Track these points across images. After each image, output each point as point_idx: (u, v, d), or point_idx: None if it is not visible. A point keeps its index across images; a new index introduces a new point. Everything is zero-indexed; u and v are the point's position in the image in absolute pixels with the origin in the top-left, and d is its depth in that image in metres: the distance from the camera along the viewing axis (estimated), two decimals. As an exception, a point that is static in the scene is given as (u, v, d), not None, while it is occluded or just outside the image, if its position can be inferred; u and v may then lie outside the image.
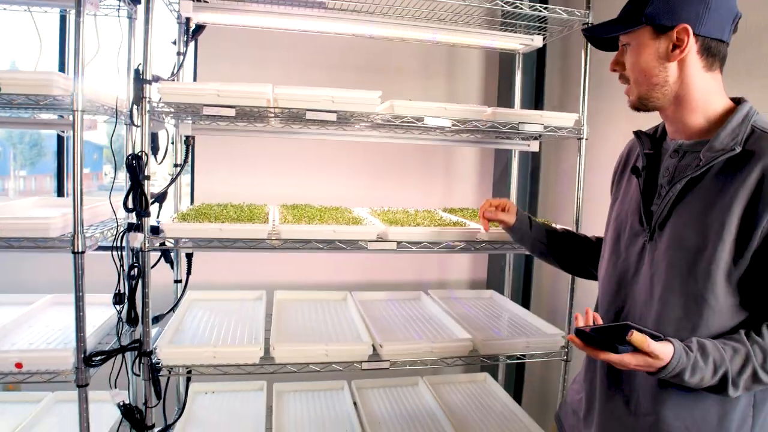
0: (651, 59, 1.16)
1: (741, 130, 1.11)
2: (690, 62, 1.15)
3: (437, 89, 3.03)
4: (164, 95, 1.77)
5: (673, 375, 1.05)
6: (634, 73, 1.21)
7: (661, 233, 1.19)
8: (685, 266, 1.13)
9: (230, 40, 2.64)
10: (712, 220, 1.09)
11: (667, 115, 1.23)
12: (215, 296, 2.42)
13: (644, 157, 1.29)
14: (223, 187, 2.69)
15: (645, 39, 1.16)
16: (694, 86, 1.16)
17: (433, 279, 3.08)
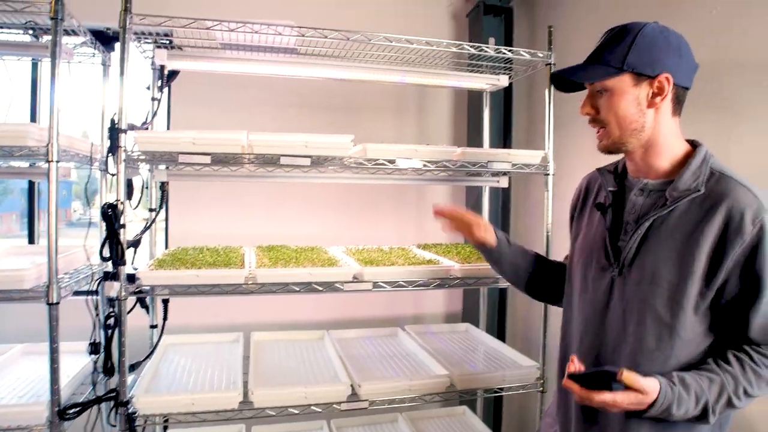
0: (631, 105, 1.21)
1: (701, 171, 1.19)
2: (663, 109, 1.22)
3: (409, 126, 3.11)
4: (140, 144, 1.79)
5: (662, 410, 1.11)
6: (612, 118, 1.24)
7: (630, 269, 1.24)
8: (658, 300, 1.19)
9: (204, 83, 2.68)
10: (684, 256, 1.16)
11: (635, 158, 1.29)
12: (191, 340, 2.40)
13: (609, 194, 1.35)
14: (198, 229, 2.70)
15: (625, 86, 1.21)
16: (663, 131, 1.24)
17: (409, 314, 3.11)
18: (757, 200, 1.13)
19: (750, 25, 1.76)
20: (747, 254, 1.12)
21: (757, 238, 1.11)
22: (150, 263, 1.94)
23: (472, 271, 2.04)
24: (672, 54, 1.20)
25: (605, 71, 1.21)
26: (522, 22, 3.08)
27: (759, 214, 1.11)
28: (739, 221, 1.12)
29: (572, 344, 1.40)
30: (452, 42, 2.09)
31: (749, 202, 1.13)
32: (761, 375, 1.14)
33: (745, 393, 1.13)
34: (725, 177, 1.17)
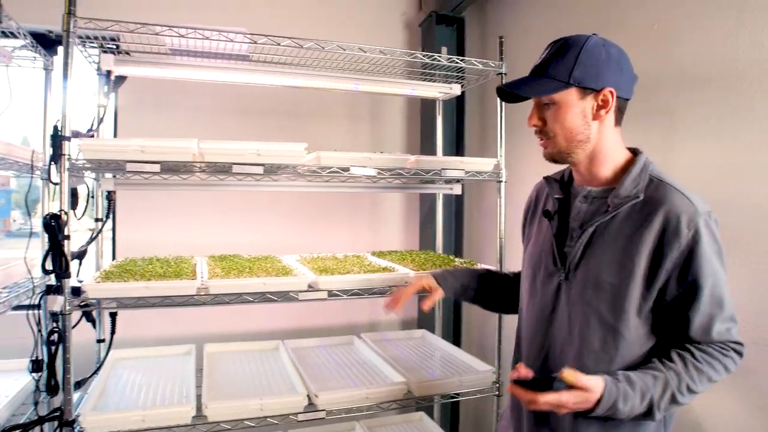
0: (577, 118, 1.26)
1: (641, 179, 1.25)
2: (607, 120, 1.28)
3: (362, 134, 3.12)
4: (84, 151, 1.73)
5: (608, 407, 1.14)
6: (558, 130, 1.27)
7: (575, 273, 1.29)
8: (602, 303, 1.24)
9: (152, 89, 2.62)
10: (625, 260, 1.21)
11: (579, 168, 1.34)
12: (141, 354, 2.33)
13: (555, 201, 1.40)
14: (146, 239, 2.62)
15: (571, 99, 1.25)
16: (606, 141, 1.29)
17: (364, 321, 3.11)
18: (693, 205, 1.18)
19: (687, 40, 1.86)
20: (684, 257, 1.17)
21: (693, 241, 1.17)
22: (96, 275, 1.86)
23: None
24: (614, 68, 1.25)
25: (552, 85, 1.24)
26: (473, 31, 3.14)
27: (694, 218, 1.17)
28: (675, 225, 1.17)
29: (523, 347, 1.45)
30: (405, 51, 2.12)
31: (685, 207, 1.18)
32: (702, 371, 1.18)
33: (688, 389, 1.17)
34: (663, 183, 1.23)
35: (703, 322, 1.20)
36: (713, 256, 1.18)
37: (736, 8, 1.70)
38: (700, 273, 1.17)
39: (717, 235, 1.20)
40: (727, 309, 1.21)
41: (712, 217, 1.21)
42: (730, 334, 1.22)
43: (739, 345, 1.24)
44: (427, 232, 3.03)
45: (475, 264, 2.25)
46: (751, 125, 1.65)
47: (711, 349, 1.21)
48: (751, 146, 1.65)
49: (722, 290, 1.20)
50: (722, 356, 1.21)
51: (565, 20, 2.42)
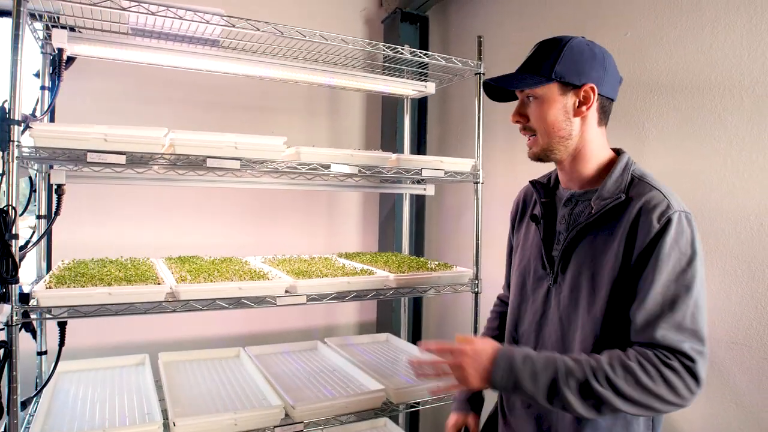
0: (559, 113, 1.25)
1: (623, 178, 1.24)
2: (589, 118, 1.27)
3: (320, 128, 3.00)
4: (38, 138, 1.52)
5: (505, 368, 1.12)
6: (541, 125, 1.27)
7: (563, 277, 1.28)
8: (585, 306, 1.22)
9: (95, 73, 2.37)
10: (605, 261, 1.19)
11: (564, 167, 1.33)
12: (89, 366, 2.09)
13: (541, 205, 1.39)
14: (82, 240, 2.36)
15: (554, 94, 1.24)
16: (590, 140, 1.28)
17: (321, 324, 3.00)
18: (668, 201, 1.15)
19: (657, 47, 1.91)
20: (648, 249, 1.13)
21: (659, 235, 1.12)
22: (46, 280, 1.64)
23: (408, 281, 1.99)
24: (597, 66, 1.25)
25: (535, 80, 1.25)
26: (435, 30, 3.11)
27: (666, 213, 1.13)
28: (647, 218, 1.14)
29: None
30: (388, 45, 2.03)
31: (658, 201, 1.15)
32: (630, 368, 1.07)
33: (607, 380, 1.07)
34: (643, 182, 1.22)
35: (647, 320, 1.11)
36: (678, 255, 1.12)
37: (710, 23, 1.77)
38: (656, 267, 1.11)
39: (690, 237, 1.13)
40: (681, 316, 1.09)
41: (688, 218, 1.15)
42: (680, 345, 1.08)
43: (691, 362, 1.07)
44: (388, 232, 2.97)
45: (450, 267, 2.21)
46: (721, 134, 1.72)
47: (650, 352, 1.09)
48: (720, 154, 1.72)
49: (680, 294, 1.10)
50: (661, 363, 1.07)
51: (533, 23, 2.44)
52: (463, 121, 2.88)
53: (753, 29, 1.65)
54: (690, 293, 1.10)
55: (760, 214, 1.61)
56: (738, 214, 1.67)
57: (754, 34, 1.65)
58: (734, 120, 1.70)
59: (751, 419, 1.62)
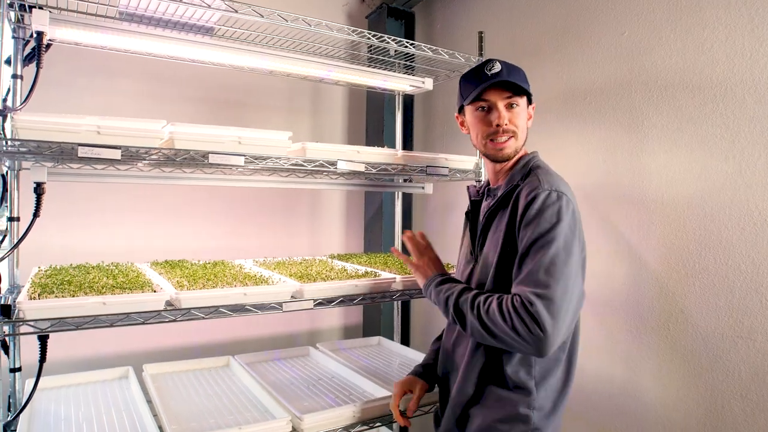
0: (525, 120, 1.50)
1: (523, 171, 1.45)
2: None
3: (301, 125, 2.89)
4: (21, 130, 1.35)
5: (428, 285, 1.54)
6: (519, 130, 1.47)
7: (480, 256, 1.49)
8: (486, 277, 1.42)
9: (66, 60, 2.17)
10: (498, 238, 1.40)
11: (504, 166, 1.52)
12: (67, 381, 1.91)
13: (471, 203, 1.63)
14: (51, 243, 2.16)
15: (524, 104, 1.49)
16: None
17: (306, 329, 2.89)
18: (539, 183, 1.34)
19: (656, 47, 1.92)
20: (521, 221, 1.32)
21: (526, 208, 1.31)
22: (27, 289, 1.47)
23: (415, 282, 1.91)
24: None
25: (524, 90, 1.46)
26: (421, 26, 3.06)
27: (535, 191, 1.32)
28: (520, 198, 1.35)
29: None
30: (398, 39, 1.95)
31: (532, 184, 1.35)
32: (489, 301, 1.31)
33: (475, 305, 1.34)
34: (532, 172, 1.41)
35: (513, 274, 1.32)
36: (541, 222, 1.28)
37: (710, 22, 1.78)
38: (523, 233, 1.31)
39: (557, 208, 1.29)
40: (535, 269, 1.26)
41: (559, 195, 1.31)
42: (524, 292, 1.25)
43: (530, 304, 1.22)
44: (375, 233, 2.89)
45: (453, 267, 2.15)
46: (723, 133, 1.74)
47: (508, 296, 1.29)
48: (722, 153, 1.74)
49: (537, 252, 1.27)
50: (510, 303, 1.26)
51: (524, 21, 2.42)
52: (450, 118, 2.83)
53: (755, 29, 1.67)
54: (547, 251, 1.26)
55: (763, 211, 1.64)
56: (741, 211, 1.69)
57: (755, 33, 1.67)
58: (736, 118, 1.71)
59: (757, 412, 1.64)
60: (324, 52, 2.20)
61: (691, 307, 1.81)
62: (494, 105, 1.45)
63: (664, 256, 1.88)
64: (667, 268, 1.87)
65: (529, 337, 1.21)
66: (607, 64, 2.09)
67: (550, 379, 1.38)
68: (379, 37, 1.91)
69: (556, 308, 1.21)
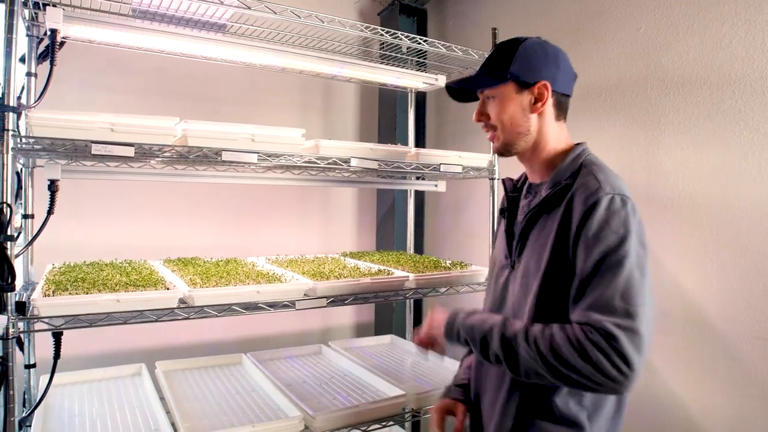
0: (516, 111, 1.28)
1: (572, 167, 1.25)
2: (546, 114, 1.29)
3: (313, 122, 2.88)
4: (36, 127, 1.36)
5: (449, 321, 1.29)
6: (500, 123, 1.30)
7: (518, 264, 1.30)
8: (531, 290, 1.22)
9: (79, 59, 2.18)
10: (545, 246, 1.20)
11: (526, 159, 1.35)
12: (80, 378, 1.92)
13: (506, 199, 1.44)
14: (64, 240, 2.16)
15: (510, 93, 1.27)
16: (548, 134, 1.30)
17: (318, 327, 2.88)
18: (599, 184, 1.15)
19: (673, 43, 1.89)
20: (577, 232, 1.13)
21: (585, 216, 1.12)
22: (42, 286, 1.48)
23: (428, 281, 1.90)
24: (550, 64, 1.28)
25: (491, 81, 1.29)
26: (433, 23, 3.04)
27: (595, 194, 1.13)
28: (576, 203, 1.16)
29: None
30: (411, 36, 1.94)
31: (590, 186, 1.16)
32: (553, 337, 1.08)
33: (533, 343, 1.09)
34: (585, 169, 1.22)
35: (576, 299, 1.11)
36: (608, 235, 1.10)
37: (729, 17, 1.75)
38: (585, 248, 1.11)
39: (623, 217, 1.11)
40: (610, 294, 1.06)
41: (623, 200, 1.13)
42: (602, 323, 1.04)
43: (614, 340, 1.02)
44: (387, 231, 2.88)
45: (467, 266, 2.14)
46: (742, 129, 1.71)
47: (577, 327, 1.07)
48: (741, 149, 1.70)
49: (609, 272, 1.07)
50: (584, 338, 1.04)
51: (538, 17, 2.39)
52: (463, 116, 2.81)
53: (775, 24, 1.64)
54: (620, 271, 1.07)
55: (782, 208, 1.61)
56: (759, 209, 1.66)
57: (776, 28, 1.64)
58: (755, 115, 1.68)
59: (779, 414, 1.62)
60: (336, 49, 2.19)
61: (708, 308, 1.78)
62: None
63: (681, 255, 1.85)
64: (683, 268, 1.85)
65: (615, 376, 1.01)
66: (623, 61, 2.06)
67: (603, 408, 1.20)
68: (392, 33, 1.89)
69: (641, 341, 1.03)
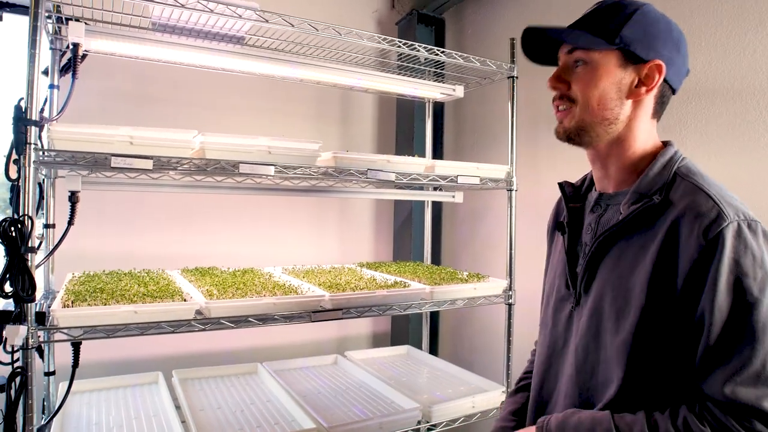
0: (611, 88, 0.99)
1: (663, 176, 0.97)
2: (644, 104, 1.01)
3: (330, 132, 2.89)
4: (56, 141, 1.38)
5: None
6: (585, 97, 1.00)
7: (586, 298, 1.03)
8: (607, 337, 0.97)
9: (100, 72, 2.21)
10: (633, 283, 0.93)
11: (600, 156, 1.06)
12: (99, 385, 1.94)
13: (568, 211, 1.14)
14: (86, 249, 2.19)
15: (610, 64, 0.98)
16: (637, 131, 1.02)
17: (334, 336, 2.87)
18: (717, 206, 0.88)
19: (695, 52, 1.85)
20: (699, 274, 0.86)
21: (708, 255, 0.85)
22: (61, 296, 1.50)
23: (445, 293, 1.89)
24: (671, 43, 1.00)
25: (593, 40, 0.99)
26: (451, 32, 3.03)
27: (716, 224, 0.86)
28: (686, 233, 0.88)
29: (532, 386, 1.19)
30: (428, 47, 1.93)
31: (705, 209, 0.88)
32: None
33: None
34: (686, 181, 0.95)
35: (709, 370, 0.85)
36: (743, 281, 0.84)
37: (753, 26, 1.71)
38: (713, 299, 0.84)
39: (760, 254, 0.85)
40: (760, 363, 0.82)
41: (753, 229, 0.87)
42: (760, 403, 0.81)
43: None
44: (404, 241, 2.87)
45: (484, 278, 2.12)
46: (767, 141, 1.66)
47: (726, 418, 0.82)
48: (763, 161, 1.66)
49: (753, 333, 0.83)
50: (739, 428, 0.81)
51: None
52: (481, 126, 2.79)
53: (803, 33, 1.60)
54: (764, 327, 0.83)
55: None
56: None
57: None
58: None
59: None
60: (354, 60, 2.19)
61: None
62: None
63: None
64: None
65: None
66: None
67: None
68: (410, 45, 1.89)
69: None
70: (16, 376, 1.29)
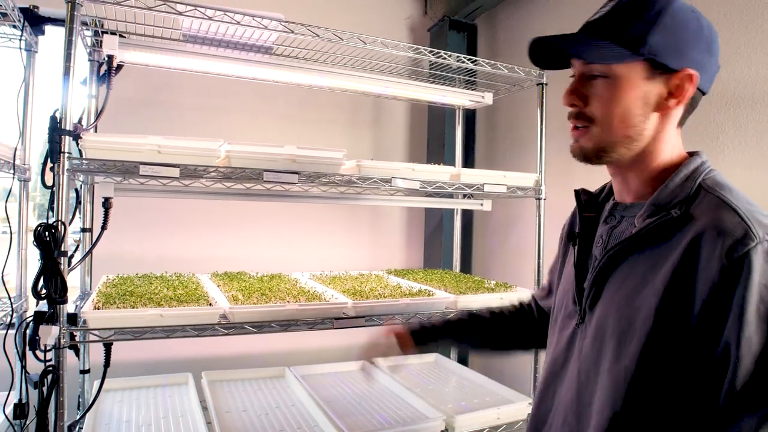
0: (636, 104, 0.88)
1: (685, 187, 0.88)
2: (672, 116, 0.91)
3: (362, 139, 2.91)
4: (89, 150, 1.44)
5: None
6: (606, 115, 0.89)
7: (591, 316, 0.94)
8: (608, 362, 0.88)
9: (135, 81, 2.29)
10: (641, 304, 0.84)
11: (621, 169, 0.97)
12: (131, 384, 2.00)
13: (580, 221, 1.05)
14: (124, 252, 2.28)
15: (635, 76, 0.87)
16: (663, 143, 0.92)
17: (361, 341, 2.86)
18: (744, 225, 0.77)
19: (733, 57, 1.77)
20: (721, 300, 0.76)
21: (732, 279, 0.75)
22: (93, 299, 1.56)
23: (470, 302, 1.87)
24: (703, 44, 0.87)
25: (615, 51, 0.86)
26: (483, 38, 3.00)
27: (740, 245, 0.76)
28: (707, 252, 0.78)
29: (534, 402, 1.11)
30: (454, 54, 1.92)
31: (730, 226, 0.78)
32: None
33: None
34: (711, 195, 0.84)
35: (735, 412, 0.75)
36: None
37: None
38: (739, 331, 0.74)
39: None
40: None
41: None
42: None
43: None
44: (434, 248, 2.85)
45: (511, 288, 2.08)
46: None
47: None
48: None
49: None
50: None
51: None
52: (512, 133, 2.75)
53: None
54: None
55: None
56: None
57: None
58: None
59: None
60: (384, 67, 2.20)
61: None
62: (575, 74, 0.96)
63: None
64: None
65: None
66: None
67: None
68: (437, 53, 1.89)
69: None
70: (48, 374, 1.35)
